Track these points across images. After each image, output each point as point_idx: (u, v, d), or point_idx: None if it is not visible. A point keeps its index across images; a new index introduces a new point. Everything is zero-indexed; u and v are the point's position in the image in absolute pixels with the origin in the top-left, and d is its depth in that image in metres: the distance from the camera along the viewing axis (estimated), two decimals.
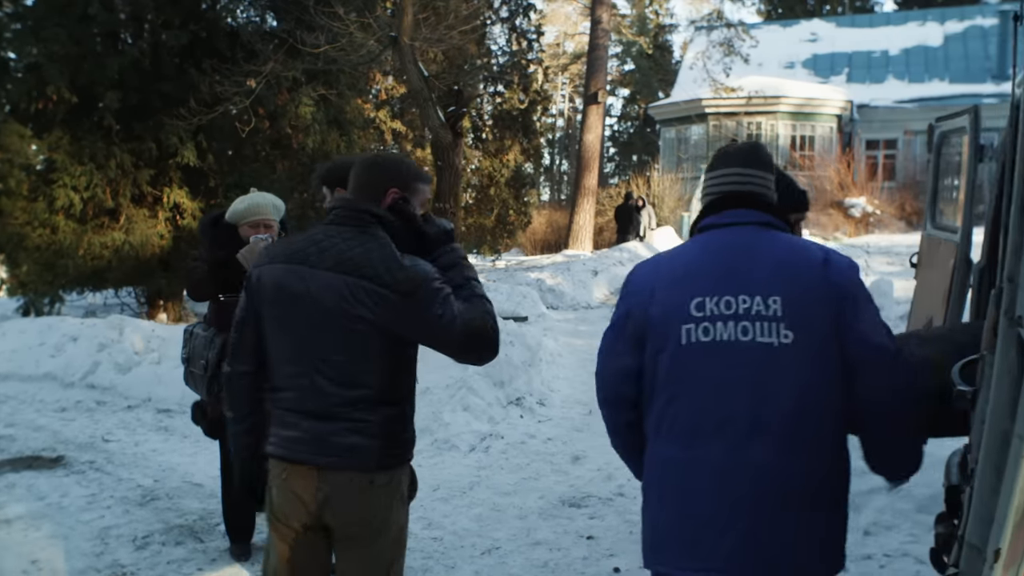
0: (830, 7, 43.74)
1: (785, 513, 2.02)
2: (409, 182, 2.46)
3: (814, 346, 2.02)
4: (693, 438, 2.08)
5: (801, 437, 2.02)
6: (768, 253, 2.12)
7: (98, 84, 12.09)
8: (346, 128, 13.93)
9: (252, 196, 4.15)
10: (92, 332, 9.19)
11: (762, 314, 2.04)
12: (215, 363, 4.00)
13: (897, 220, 20.97)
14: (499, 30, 23.64)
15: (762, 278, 2.07)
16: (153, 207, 12.60)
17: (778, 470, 2.01)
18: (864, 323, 2.04)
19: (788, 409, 2.01)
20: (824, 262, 2.08)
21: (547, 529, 4.63)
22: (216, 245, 4.13)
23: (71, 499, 5.24)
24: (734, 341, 2.05)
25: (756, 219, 2.17)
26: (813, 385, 2.03)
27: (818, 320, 2.03)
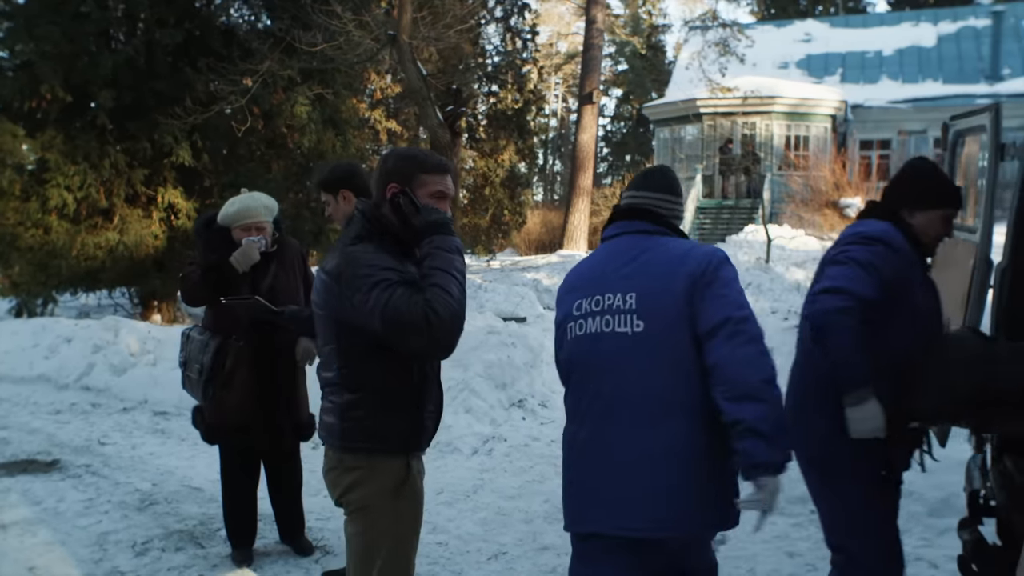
0: (823, 7, 43.83)
1: (633, 479, 2.32)
2: (413, 174, 2.46)
3: (663, 331, 2.33)
4: (574, 417, 2.49)
5: (648, 411, 2.32)
6: (637, 255, 2.46)
7: (92, 83, 11.99)
8: (341, 128, 13.85)
9: (243, 198, 4.08)
10: (87, 333, 9.09)
11: (620, 308, 2.39)
12: (210, 367, 3.93)
13: None
14: (493, 30, 23.62)
15: (624, 277, 2.43)
16: (147, 207, 12.49)
17: (627, 443, 2.33)
18: (708, 301, 2.30)
19: (636, 387, 2.33)
20: (682, 257, 2.39)
21: (553, 534, 4.55)
22: (209, 248, 4.06)
23: (68, 504, 5.16)
24: (599, 332, 2.41)
25: (638, 228, 2.52)
26: (661, 364, 2.33)
27: (667, 309, 2.33)
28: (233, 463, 4.18)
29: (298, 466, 4.34)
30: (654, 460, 2.31)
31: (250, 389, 4.00)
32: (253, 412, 4.01)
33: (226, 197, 12.62)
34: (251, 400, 4.00)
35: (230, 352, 3.98)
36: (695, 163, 27.44)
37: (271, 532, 4.51)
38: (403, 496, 2.49)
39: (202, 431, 4.16)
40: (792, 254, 15.11)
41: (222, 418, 4.03)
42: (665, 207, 2.55)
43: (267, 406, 4.04)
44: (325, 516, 4.89)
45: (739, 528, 4.42)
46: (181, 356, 4.14)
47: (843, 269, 2.65)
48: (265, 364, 4.03)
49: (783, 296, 10.77)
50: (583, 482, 2.44)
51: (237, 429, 4.03)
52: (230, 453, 4.17)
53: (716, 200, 26.96)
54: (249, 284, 3.99)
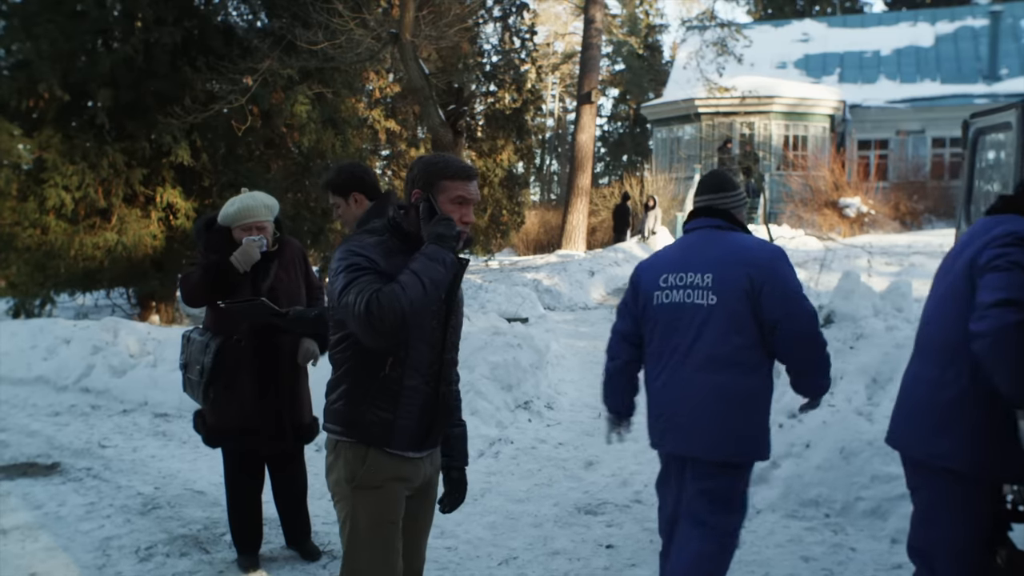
0: (819, 7, 43.82)
1: (703, 409, 3.12)
2: (434, 181, 2.52)
3: (730, 305, 3.09)
4: (656, 363, 3.28)
5: (712, 364, 3.11)
6: (711, 245, 3.23)
7: (90, 82, 11.89)
8: (341, 127, 13.75)
9: (243, 198, 4.01)
10: (85, 334, 9.01)
11: (698, 285, 3.17)
12: (211, 368, 3.85)
13: (891, 220, 20.93)
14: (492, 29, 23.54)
15: (703, 261, 3.20)
16: (146, 207, 12.40)
17: (694, 386, 3.14)
18: (767, 296, 3.04)
19: (705, 346, 3.12)
20: (747, 249, 3.16)
21: (564, 538, 4.49)
22: (209, 249, 4.00)
23: (69, 508, 5.08)
24: (681, 302, 3.20)
25: (709, 224, 3.29)
26: (726, 330, 3.10)
27: (733, 290, 3.08)
28: (236, 467, 4.11)
29: (302, 469, 4.27)
30: (712, 400, 3.10)
31: (252, 391, 3.93)
32: (256, 414, 3.94)
33: (225, 197, 12.64)
34: (253, 402, 3.93)
35: (231, 353, 3.91)
36: (693, 163, 27.40)
37: (276, 537, 4.44)
38: (361, 488, 2.54)
39: (203, 435, 4.09)
40: (793, 254, 15.04)
41: (224, 421, 3.96)
42: (722, 202, 3.30)
43: (270, 408, 3.97)
44: (331, 520, 4.81)
45: (753, 533, 4.36)
46: (181, 358, 4.07)
47: (1009, 277, 2.41)
48: (267, 365, 3.97)
49: None
50: (661, 414, 3.24)
51: (240, 432, 3.96)
52: (233, 457, 4.09)
53: None
54: (250, 284, 3.92)
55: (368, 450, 2.55)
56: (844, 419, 4.58)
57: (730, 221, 3.26)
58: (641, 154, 47.36)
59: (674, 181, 26.80)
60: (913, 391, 2.63)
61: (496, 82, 22.77)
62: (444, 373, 2.63)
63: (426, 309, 2.43)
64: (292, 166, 13.48)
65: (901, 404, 2.74)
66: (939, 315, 2.64)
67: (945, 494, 2.61)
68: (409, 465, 2.62)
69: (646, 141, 46.73)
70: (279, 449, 4.09)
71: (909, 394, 2.66)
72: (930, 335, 2.68)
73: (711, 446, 3.11)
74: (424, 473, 2.70)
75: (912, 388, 2.64)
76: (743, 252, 3.12)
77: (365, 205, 3.67)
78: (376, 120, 16.67)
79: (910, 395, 2.65)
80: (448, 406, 2.69)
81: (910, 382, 2.67)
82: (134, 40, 11.61)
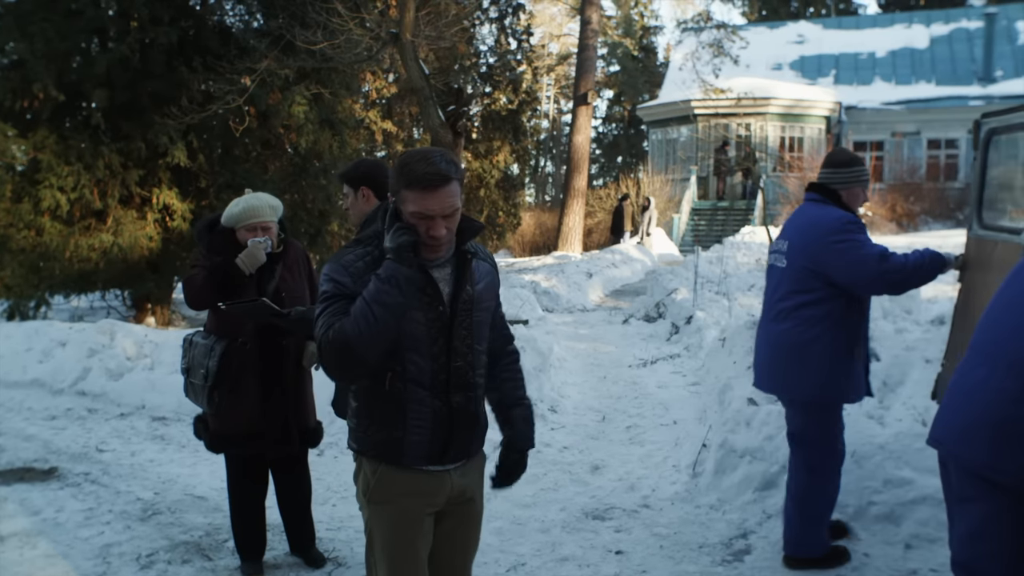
0: (813, 9, 43.88)
1: (784, 356, 3.84)
2: (397, 189, 2.36)
3: (795, 268, 3.80)
4: (762, 316, 4.09)
5: (785, 315, 3.84)
6: (799, 215, 3.94)
7: (85, 82, 11.78)
8: (338, 128, 13.68)
9: (247, 198, 3.94)
10: (81, 337, 8.90)
11: (781, 250, 3.92)
12: (216, 372, 3.77)
13: (888, 222, 20.94)
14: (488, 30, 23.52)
15: (789, 229, 3.93)
16: (141, 208, 12.29)
17: (780, 332, 3.85)
18: (830, 258, 3.68)
19: (784, 298, 3.85)
20: (815, 221, 3.79)
21: (572, 544, 4.43)
22: (212, 250, 3.92)
23: (67, 514, 5.00)
24: (773, 264, 4.00)
25: (810, 197, 3.94)
26: (796, 289, 3.80)
27: (800, 256, 3.78)
28: (240, 472, 4.03)
29: (307, 473, 4.20)
30: (770, 346, 3.92)
31: (257, 395, 3.86)
32: (261, 418, 3.87)
33: (222, 198, 12.57)
34: (259, 406, 3.86)
35: (236, 356, 3.83)
36: (690, 164, 27.40)
37: (280, 544, 4.37)
38: (374, 503, 2.51)
39: (206, 440, 4.01)
40: None
41: (228, 426, 3.89)
42: (828, 177, 3.88)
43: (275, 411, 3.90)
44: (335, 526, 4.75)
45: (764, 539, 4.30)
46: (183, 363, 3.98)
47: None
48: (272, 368, 3.90)
49: None
50: (757, 355, 4.11)
51: (244, 436, 3.89)
52: (237, 462, 4.02)
53: (711, 201, 26.93)
54: (255, 286, 3.85)
55: (380, 464, 2.48)
56: (855, 422, 4.53)
57: (826, 195, 3.83)
58: (636, 155, 47.37)
59: (671, 182, 26.80)
60: (979, 398, 2.48)
61: (492, 83, 22.75)
62: (455, 382, 2.45)
63: (383, 337, 2.28)
64: (289, 167, 13.40)
65: (960, 409, 2.53)
66: (1013, 324, 2.44)
67: (1005, 510, 2.45)
68: (428, 479, 2.49)
69: (641, 143, 46.78)
70: (284, 453, 4.02)
71: (972, 400, 2.50)
72: (1001, 342, 2.49)
73: (765, 383, 4.02)
74: (452, 487, 2.54)
75: (978, 395, 2.49)
76: (813, 224, 3.76)
77: (373, 202, 3.64)
78: (372, 121, 16.62)
79: (974, 401, 2.49)
80: (470, 415, 2.51)
81: (974, 387, 2.52)
82: (130, 40, 11.50)
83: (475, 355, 2.53)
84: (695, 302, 10.03)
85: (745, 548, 4.30)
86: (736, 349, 5.46)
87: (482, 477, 2.69)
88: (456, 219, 2.39)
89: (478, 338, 2.53)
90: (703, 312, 9.53)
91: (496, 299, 2.65)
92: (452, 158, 2.39)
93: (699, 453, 5.06)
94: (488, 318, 2.58)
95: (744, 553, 4.25)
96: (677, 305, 10.13)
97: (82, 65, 11.88)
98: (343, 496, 5.25)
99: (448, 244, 2.42)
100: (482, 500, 2.72)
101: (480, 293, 2.52)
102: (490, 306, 2.59)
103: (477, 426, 2.56)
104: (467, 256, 2.48)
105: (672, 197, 26.18)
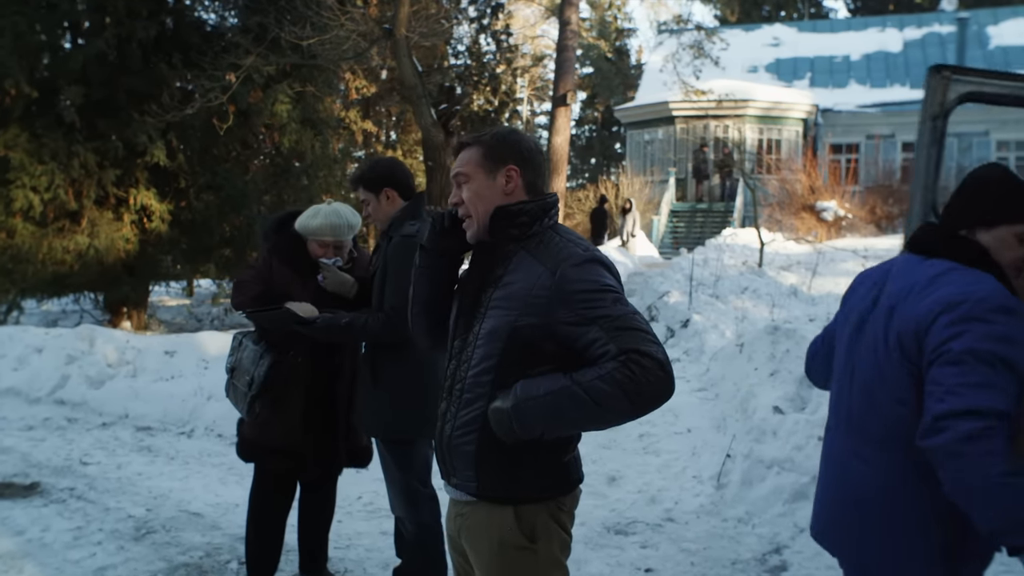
0: (785, 13, 44.14)
1: None
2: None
3: None
4: None
5: None
6: None
7: (59, 78, 11.38)
8: (320, 128, 13.36)
9: (327, 213, 3.60)
10: (59, 343, 8.54)
11: None
12: (262, 382, 3.47)
13: (868, 224, 20.98)
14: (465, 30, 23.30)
15: None
16: (118, 209, 11.90)
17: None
18: None
19: None
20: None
21: (598, 561, 4.21)
22: (276, 253, 3.64)
23: (54, 534, 4.68)
24: None
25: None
26: None
27: None
28: (267, 486, 3.72)
29: (333, 495, 3.94)
30: None
31: (301, 411, 3.58)
32: (300, 436, 3.59)
33: (202, 199, 12.22)
34: (300, 423, 3.58)
35: (286, 368, 3.54)
36: (668, 166, 27.35)
37: (286, 563, 4.09)
38: None
39: (238, 445, 3.73)
40: (775, 258, 14.96)
41: (266, 437, 3.60)
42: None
43: (317, 431, 3.62)
44: (343, 544, 4.50)
45: (799, 553, 4.10)
46: (229, 361, 3.69)
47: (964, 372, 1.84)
48: (321, 386, 3.62)
49: (781, 300, 10.55)
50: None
51: (280, 451, 3.61)
52: (266, 476, 3.72)
53: (690, 203, 26.90)
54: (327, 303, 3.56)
55: None
56: None
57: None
58: (609, 157, 47.38)
59: (649, 184, 26.71)
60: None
61: (471, 84, 22.55)
62: (447, 387, 2.15)
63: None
64: (270, 167, 13.05)
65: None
66: (864, 388, 2.08)
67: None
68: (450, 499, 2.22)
69: (614, 144, 46.78)
70: (318, 474, 3.76)
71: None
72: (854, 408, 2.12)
73: None
74: (449, 518, 2.21)
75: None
76: None
77: (398, 203, 3.41)
78: (353, 121, 16.31)
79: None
80: (443, 435, 2.12)
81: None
82: (107, 35, 11.12)
83: (472, 364, 2.07)
84: (691, 305, 9.86)
85: (781, 564, 4.11)
86: (756, 355, 5.29)
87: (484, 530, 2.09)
88: (474, 192, 2.11)
89: (481, 346, 2.06)
90: (700, 315, 9.36)
91: (521, 310, 2.01)
92: (485, 132, 2.21)
93: (723, 464, 4.86)
94: (505, 327, 2.01)
95: (780, 569, 4.06)
96: (671, 308, 9.95)
97: (56, 61, 11.48)
98: (348, 511, 4.99)
99: (473, 221, 2.12)
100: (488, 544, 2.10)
101: (498, 298, 2.05)
102: (511, 315, 2.01)
103: (454, 452, 2.07)
104: (490, 246, 2.12)
105: (651, 199, 26.09)
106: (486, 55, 21.96)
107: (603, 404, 1.89)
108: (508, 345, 2.01)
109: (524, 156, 2.14)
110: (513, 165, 2.12)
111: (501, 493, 2.04)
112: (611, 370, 1.89)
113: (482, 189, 2.11)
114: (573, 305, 1.96)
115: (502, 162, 2.12)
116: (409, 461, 3.38)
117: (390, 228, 3.36)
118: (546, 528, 2.04)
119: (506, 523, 2.03)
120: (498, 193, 2.11)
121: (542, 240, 2.08)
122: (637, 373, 1.88)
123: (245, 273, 3.70)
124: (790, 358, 5.09)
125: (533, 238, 2.09)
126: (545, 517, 2.05)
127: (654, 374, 1.89)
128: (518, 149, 2.14)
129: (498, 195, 2.11)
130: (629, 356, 1.89)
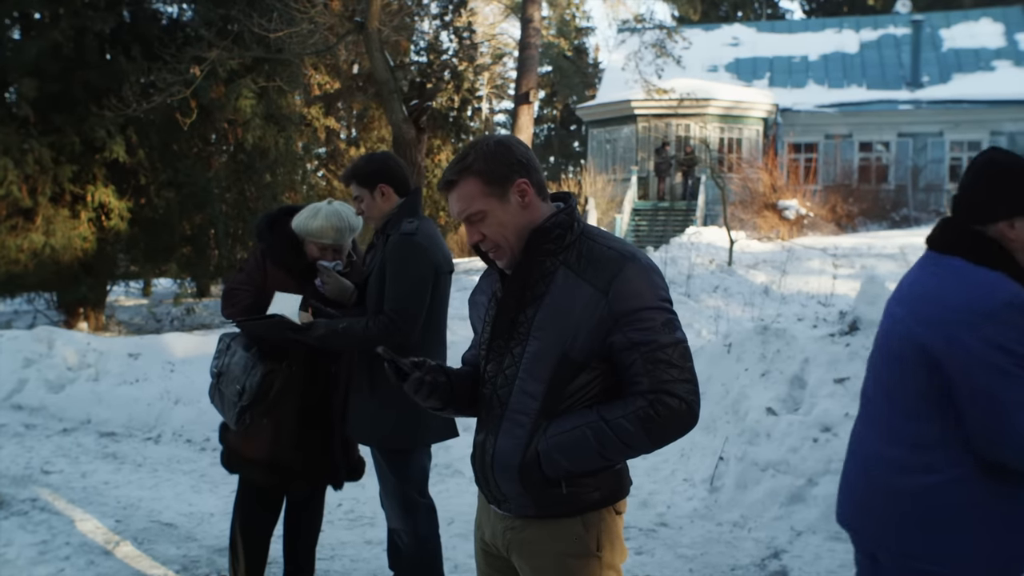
0: (743, 13, 44.55)
1: None
2: None
3: None
4: None
5: None
6: None
7: (11, 70, 10.96)
8: (283, 124, 13.06)
9: (328, 213, 3.40)
10: (15, 345, 8.19)
11: None
12: (253, 392, 3.25)
13: (828, 223, 21.21)
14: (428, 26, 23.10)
15: None
16: (74, 207, 11.50)
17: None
18: None
19: None
20: None
21: None
22: (270, 253, 3.45)
23: (18, 549, 4.42)
24: None
25: None
26: None
27: None
28: (253, 498, 3.51)
29: (321, 509, 3.75)
30: None
31: (294, 425, 3.38)
32: (291, 451, 3.39)
33: (163, 196, 11.87)
34: (292, 437, 3.38)
35: (279, 378, 3.34)
36: (630, 164, 27.40)
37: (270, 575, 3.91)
38: None
39: (223, 455, 3.53)
40: (742, 256, 15.01)
41: (253, 449, 3.40)
42: None
43: (309, 446, 3.43)
44: (328, 555, 4.33)
45: (799, 558, 4.02)
46: (215, 364, 3.42)
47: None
48: (315, 397, 3.42)
49: (754, 299, 10.55)
50: None
51: (268, 465, 3.41)
52: (252, 488, 3.52)
53: (651, 202, 26.97)
54: None
55: None
56: None
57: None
58: (568, 156, 47.40)
59: (612, 183, 26.71)
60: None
61: (433, 81, 22.34)
62: (481, 411, 2.08)
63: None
64: (233, 164, 12.71)
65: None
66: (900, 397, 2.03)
67: None
68: (482, 506, 2.15)
69: (573, 143, 46.80)
70: (306, 488, 3.57)
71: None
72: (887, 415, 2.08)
73: None
74: (494, 533, 2.10)
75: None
76: None
77: (393, 200, 3.26)
78: (315, 118, 16.00)
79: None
80: (486, 457, 2.04)
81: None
82: (62, 26, 10.72)
83: (514, 390, 1.98)
84: None
85: (781, 569, 4.03)
86: (746, 356, 5.21)
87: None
88: (495, 223, 1.96)
89: (525, 370, 1.96)
90: None
91: (571, 336, 1.91)
92: (468, 156, 1.99)
93: (716, 467, 4.77)
94: (552, 353, 1.91)
95: (780, 575, 3.98)
96: None
97: (8, 52, 11.05)
98: (329, 520, 4.80)
99: (504, 251, 1.98)
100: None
101: (541, 320, 1.94)
102: (560, 341, 1.91)
103: (501, 481, 1.99)
104: (525, 264, 1.97)
105: (613, 197, 26.09)
106: (447, 52, 21.74)
107: (626, 442, 1.88)
108: (556, 372, 1.92)
109: (523, 163, 1.99)
110: (519, 178, 1.97)
111: (564, 509, 1.97)
112: (637, 408, 1.86)
113: (503, 217, 1.96)
114: (624, 328, 1.88)
115: (507, 180, 1.96)
116: (407, 471, 3.23)
117: (387, 226, 3.21)
118: (609, 534, 2.01)
119: (571, 535, 1.98)
120: (517, 212, 1.97)
121: (580, 251, 1.96)
122: (663, 415, 1.85)
123: (235, 279, 3.47)
124: (781, 358, 5.02)
125: (570, 249, 1.97)
126: (608, 523, 2.00)
127: (679, 417, 1.86)
128: (514, 159, 1.98)
129: (518, 214, 1.97)
130: (658, 397, 1.85)
